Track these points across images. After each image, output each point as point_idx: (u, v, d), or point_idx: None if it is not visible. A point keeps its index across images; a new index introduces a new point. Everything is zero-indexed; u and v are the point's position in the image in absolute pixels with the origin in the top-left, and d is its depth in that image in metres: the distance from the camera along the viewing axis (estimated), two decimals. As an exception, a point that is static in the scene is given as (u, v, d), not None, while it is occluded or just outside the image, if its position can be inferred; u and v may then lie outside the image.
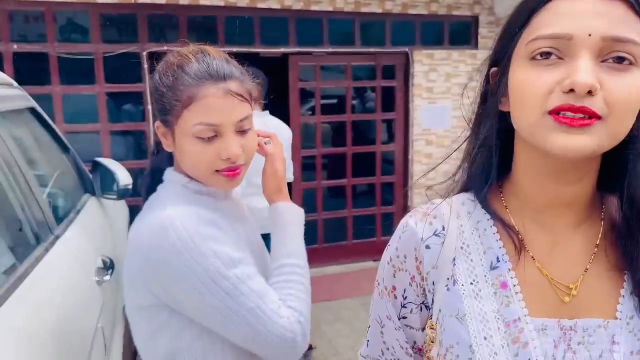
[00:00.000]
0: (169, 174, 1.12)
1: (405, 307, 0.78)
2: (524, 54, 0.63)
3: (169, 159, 1.15)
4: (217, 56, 1.06)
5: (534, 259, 0.71)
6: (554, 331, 0.68)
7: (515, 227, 0.72)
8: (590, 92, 0.57)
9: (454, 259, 0.73)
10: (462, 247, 0.73)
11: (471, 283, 0.71)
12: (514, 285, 0.70)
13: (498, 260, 0.71)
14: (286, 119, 4.81)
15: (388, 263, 0.79)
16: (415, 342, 0.80)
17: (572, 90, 0.58)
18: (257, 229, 1.26)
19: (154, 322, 1.04)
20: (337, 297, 4.31)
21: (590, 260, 0.71)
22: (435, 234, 0.74)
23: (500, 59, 0.69)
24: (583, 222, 0.72)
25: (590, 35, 0.58)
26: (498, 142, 0.72)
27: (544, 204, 0.71)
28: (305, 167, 5.02)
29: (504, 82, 0.68)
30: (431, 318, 0.76)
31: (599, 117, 0.58)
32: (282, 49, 4.68)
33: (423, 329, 0.78)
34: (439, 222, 0.75)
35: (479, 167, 0.74)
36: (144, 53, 4.17)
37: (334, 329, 3.80)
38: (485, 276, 0.71)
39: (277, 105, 5.89)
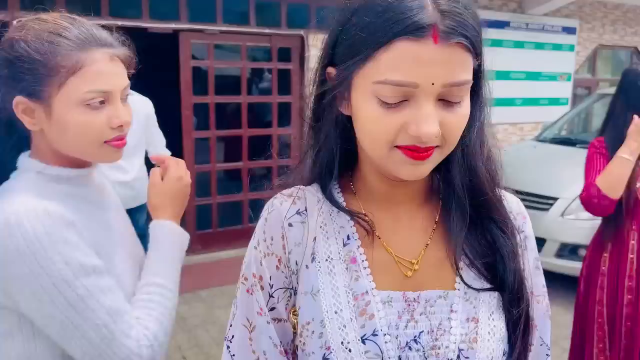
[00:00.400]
0: (23, 160, 1.00)
1: (273, 296, 0.76)
2: (371, 89, 0.64)
3: (14, 149, 1.02)
4: (88, 22, 0.99)
5: (380, 239, 0.76)
6: (398, 303, 0.73)
7: (364, 210, 0.77)
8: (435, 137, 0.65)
9: (315, 238, 0.76)
10: (321, 227, 0.77)
11: (326, 260, 0.75)
12: (363, 261, 0.74)
13: (349, 238, 0.76)
14: (177, 99, 4.63)
15: (255, 248, 0.77)
16: (282, 343, 0.77)
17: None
18: (123, 211, 1.17)
19: (4, 325, 0.93)
20: (232, 281, 4.22)
21: (430, 237, 0.78)
22: (298, 213, 0.77)
23: (338, 66, 0.69)
24: (425, 204, 0.80)
25: (433, 84, 0.62)
26: (339, 143, 0.76)
27: (387, 193, 0.78)
28: (199, 149, 4.86)
29: (346, 94, 0.70)
30: (294, 305, 0.76)
31: (437, 146, 0.67)
32: (173, 25, 4.46)
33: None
34: (302, 202, 0.78)
35: (321, 166, 0.78)
36: (15, 22, 3.76)
37: (228, 314, 3.73)
38: (339, 253, 0.75)
39: (167, 84, 5.65)
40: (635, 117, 1.97)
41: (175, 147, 3.22)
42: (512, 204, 0.82)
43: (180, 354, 3.27)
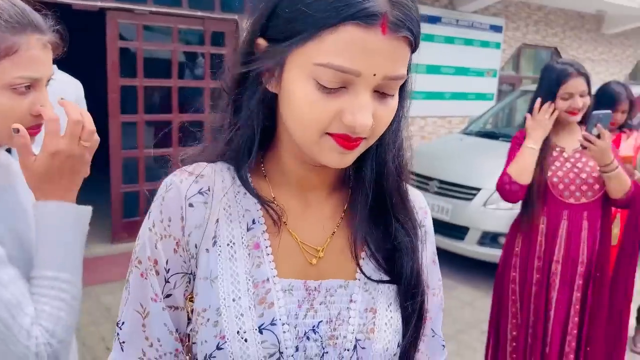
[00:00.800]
0: None
1: (169, 281, 0.71)
2: (309, 71, 0.62)
3: None
4: (21, 2, 0.93)
5: (286, 224, 0.74)
6: (299, 291, 0.71)
7: (272, 194, 0.74)
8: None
9: (217, 221, 0.71)
10: (225, 209, 0.72)
11: (228, 244, 0.71)
12: (266, 247, 0.72)
13: (254, 222, 0.72)
14: (104, 80, 4.43)
15: (150, 230, 0.71)
16: (177, 330, 0.73)
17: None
18: (30, 191, 1.06)
19: None
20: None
21: (337, 225, 0.77)
22: (200, 192, 0.71)
23: (272, 39, 0.66)
24: (335, 191, 0.78)
25: (375, 75, 0.61)
26: (262, 121, 0.71)
27: (300, 178, 0.75)
28: (126, 134, 4.68)
29: (277, 72, 0.66)
30: (192, 291, 0.72)
31: (364, 137, 0.66)
32: (99, 3, 4.24)
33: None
34: (205, 182, 0.72)
35: (239, 144, 0.72)
36: None
37: (157, 304, 3.65)
38: (242, 237, 0.71)
39: (94, 64, 5.39)
40: (527, 114, 2.16)
41: (100, 130, 3.06)
42: (416, 199, 0.83)
43: (104, 345, 3.16)
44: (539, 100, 2.12)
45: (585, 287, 2.19)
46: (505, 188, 2.15)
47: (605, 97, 2.96)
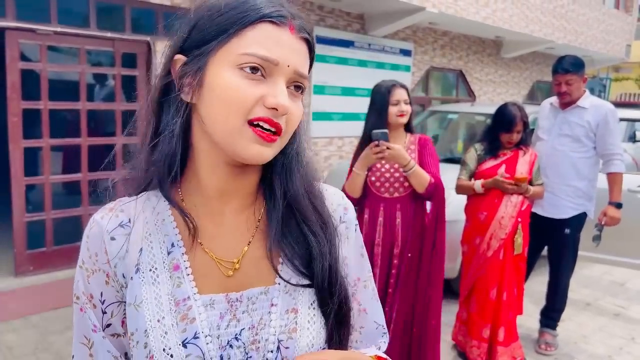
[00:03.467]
0: None
1: (106, 312, 0.77)
2: (233, 60, 0.70)
3: None
4: None
5: (202, 245, 0.78)
6: (221, 304, 0.75)
7: (189, 213, 0.78)
8: (285, 114, 0.72)
9: (141, 249, 0.76)
10: (146, 238, 0.77)
11: (150, 270, 0.75)
12: (186, 268, 0.76)
13: (173, 246, 0.77)
14: (3, 103, 4.15)
15: (81, 267, 0.77)
16: (125, 354, 0.79)
17: (274, 108, 0.70)
18: None
19: None
20: (69, 302, 3.88)
21: (253, 235, 0.80)
22: (120, 225, 0.77)
23: (193, 51, 0.73)
24: (249, 205, 0.82)
25: (289, 66, 0.72)
26: (181, 136, 0.76)
27: (215, 190, 0.79)
28: (30, 160, 4.40)
29: (198, 77, 0.72)
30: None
31: (280, 134, 0.72)
32: (-2, 22, 4.00)
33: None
34: (125, 215, 0.78)
35: (161, 162, 0.76)
36: None
37: (64, 338, 3.43)
38: (163, 262, 0.76)
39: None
40: (373, 144, 2.52)
41: (1, 157, 2.85)
42: (333, 197, 0.89)
43: (6, 389, 2.91)
44: (374, 143, 2.52)
45: (400, 265, 2.68)
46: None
47: (503, 119, 3.19)
